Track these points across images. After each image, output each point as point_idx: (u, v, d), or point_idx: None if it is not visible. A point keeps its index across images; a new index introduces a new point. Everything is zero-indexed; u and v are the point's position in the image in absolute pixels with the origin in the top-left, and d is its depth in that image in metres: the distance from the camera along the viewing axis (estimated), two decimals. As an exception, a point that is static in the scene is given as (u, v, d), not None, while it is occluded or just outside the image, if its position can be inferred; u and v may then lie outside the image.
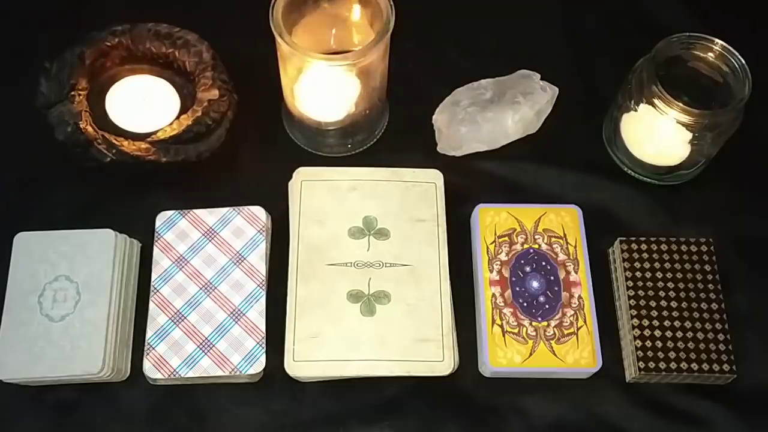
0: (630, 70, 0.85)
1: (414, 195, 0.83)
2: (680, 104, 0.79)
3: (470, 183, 0.88)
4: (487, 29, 0.98)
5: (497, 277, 0.80)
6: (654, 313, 0.78)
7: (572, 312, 0.78)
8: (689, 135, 0.82)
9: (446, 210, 0.83)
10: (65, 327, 0.75)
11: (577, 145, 0.91)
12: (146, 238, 0.82)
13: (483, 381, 0.79)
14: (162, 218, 0.82)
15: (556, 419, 0.78)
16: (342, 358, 0.76)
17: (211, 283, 0.79)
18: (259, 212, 0.82)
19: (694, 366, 0.76)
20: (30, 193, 0.86)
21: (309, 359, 0.75)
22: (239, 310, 0.78)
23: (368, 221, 0.82)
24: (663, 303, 0.78)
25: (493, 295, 0.79)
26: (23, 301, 0.76)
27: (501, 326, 0.77)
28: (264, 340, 0.76)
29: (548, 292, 0.79)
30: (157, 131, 0.83)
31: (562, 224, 0.82)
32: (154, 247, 0.80)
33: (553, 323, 0.78)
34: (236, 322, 0.77)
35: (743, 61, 0.80)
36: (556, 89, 0.90)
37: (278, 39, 0.77)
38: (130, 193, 0.86)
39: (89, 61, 0.85)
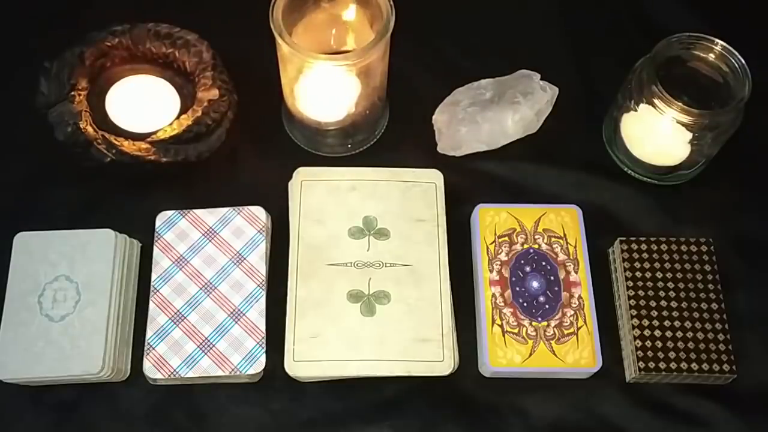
0: (630, 70, 0.85)
1: (414, 195, 0.83)
2: (680, 104, 0.79)
3: (470, 183, 0.88)
4: (487, 29, 0.98)
5: (497, 277, 0.80)
6: (654, 313, 0.78)
7: (572, 312, 0.78)
8: (689, 135, 0.82)
9: (446, 210, 0.83)
10: (65, 327, 0.75)
11: (577, 145, 0.91)
12: (146, 238, 0.82)
13: (483, 381, 0.79)
14: (162, 218, 0.82)
15: (556, 419, 0.78)
16: (342, 358, 0.76)
17: (211, 283, 0.79)
18: (259, 212, 0.82)
19: (694, 366, 0.76)
20: (30, 193, 0.86)
21: (309, 359, 0.75)
22: (239, 310, 0.78)
23: (368, 221, 0.82)
24: (663, 303, 0.78)
25: (493, 295, 0.79)
26: (23, 301, 0.76)
27: (501, 326, 0.77)
28: (264, 340, 0.76)
29: (548, 292, 0.79)
30: (157, 131, 0.83)
31: (562, 224, 0.82)
32: (154, 247, 0.80)
33: (553, 323, 0.78)
34: (236, 322, 0.77)
35: (743, 61, 0.80)
36: (556, 89, 0.90)
37: (278, 39, 0.77)
38: (130, 193, 0.86)
39: (89, 61, 0.85)
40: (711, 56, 0.83)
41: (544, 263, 0.80)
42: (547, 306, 0.78)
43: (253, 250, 0.80)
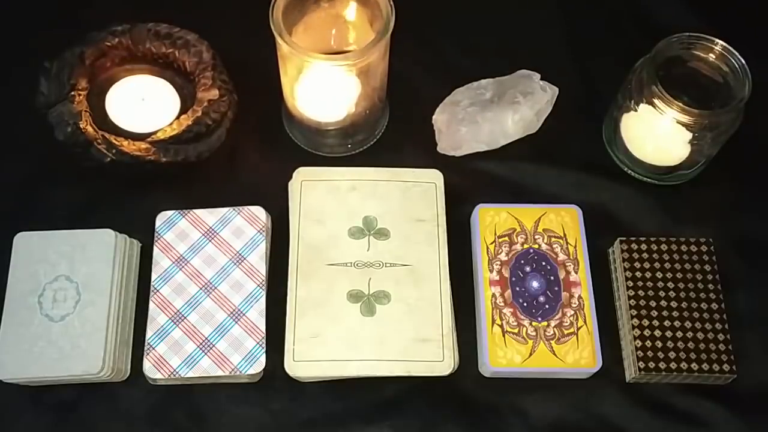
0: (630, 70, 0.85)
1: (414, 195, 0.83)
2: (680, 104, 0.79)
3: (470, 183, 0.88)
4: (488, 29, 0.98)
5: (497, 277, 0.80)
6: (654, 313, 0.78)
7: (572, 312, 0.78)
8: (689, 135, 0.82)
9: (446, 210, 0.83)
10: (65, 327, 0.75)
11: (577, 145, 0.91)
12: (146, 238, 0.82)
13: (483, 381, 0.79)
14: (162, 218, 0.82)
15: (556, 419, 0.78)
16: (342, 358, 0.76)
17: (211, 283, 0.79)
18: (259, 212, 0.82)
19: (694, 366, 0.76)
20: (30, 193, 0.86)
21: (309, 359, 0.75)
22: (239, 310, 0.78)
23: (368, 221, 0.82)
24: (663, 303, 0.78)
25: (493, 295, 0.79)
26: (23, 301, 0.76)
27: (501, 326, 0.77)
28: (264, 340, 0.76)
29: (548, 292, 0.79)
30: (157, 131, 0.83)
31: (562, 224, 0.82)
32: (154, 247, 0.80)
33: (553, 323, 0.78)
34: (236, 322, 0.77)
35: (743, 61, 0.80)
36: (556, 89, 0.90)
37: (278, 39, 0.77)
38: (130, 193, 0.86)
39: (89, 61, 0.85)
40: (711, 56, 0.83)
41: (544, 263, 0.80)
42: (547, 306, 0.78)
43: (253, 250, 0.80)
